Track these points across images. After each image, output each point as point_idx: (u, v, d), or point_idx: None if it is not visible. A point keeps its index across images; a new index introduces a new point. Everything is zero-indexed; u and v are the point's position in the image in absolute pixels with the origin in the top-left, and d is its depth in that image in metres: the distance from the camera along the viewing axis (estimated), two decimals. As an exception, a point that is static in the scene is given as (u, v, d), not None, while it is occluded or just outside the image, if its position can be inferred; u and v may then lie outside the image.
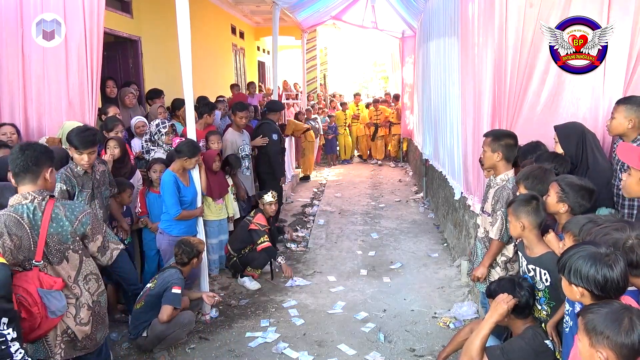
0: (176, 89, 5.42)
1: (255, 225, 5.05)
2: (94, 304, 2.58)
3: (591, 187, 2.59)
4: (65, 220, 2.41)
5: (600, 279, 1.74)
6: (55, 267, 2.42)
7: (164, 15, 7.35)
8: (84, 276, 2.53)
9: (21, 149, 2.44)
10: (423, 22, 8.23)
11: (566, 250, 1.91)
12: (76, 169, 3.48)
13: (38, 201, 2.39)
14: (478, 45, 3.97)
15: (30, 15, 4.03)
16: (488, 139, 3.19)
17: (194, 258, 3.92)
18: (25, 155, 2.40)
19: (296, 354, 3.72)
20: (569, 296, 1.92)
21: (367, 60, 30.61)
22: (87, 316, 2.54)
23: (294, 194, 9.35)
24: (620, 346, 1.53)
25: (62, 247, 2.41)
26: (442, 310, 4.34)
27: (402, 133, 11.95)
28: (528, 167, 2.96)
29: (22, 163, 2.39)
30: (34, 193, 2.39)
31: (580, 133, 3.14)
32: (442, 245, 6.10)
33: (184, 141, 4.23)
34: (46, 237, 2.37)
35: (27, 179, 2.41)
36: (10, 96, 4.13)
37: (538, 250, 2.65)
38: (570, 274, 1.82)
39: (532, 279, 2.67)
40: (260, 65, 15.79)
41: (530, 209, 2.61)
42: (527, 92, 3.66)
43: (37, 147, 2.48)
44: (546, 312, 2.62)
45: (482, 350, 2.46)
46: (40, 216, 2.36)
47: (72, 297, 2.49)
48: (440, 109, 6.15)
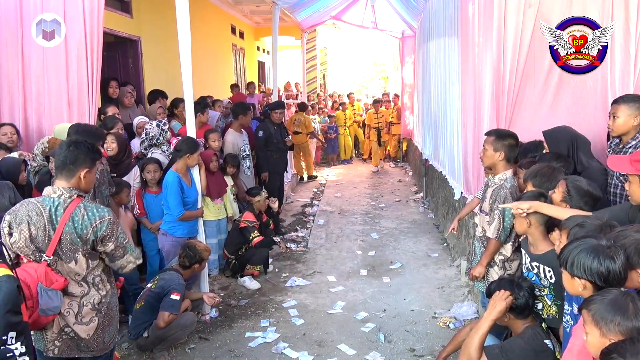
0: (176, 89, 5.43)
1: (244, 222, 5.09)
2: (100, 305, 2.54)
3: (597, 194, 2.59)
4: (81, 223, 2.40)
5: (604, 271, 1.77)
6: (65, 265, 2.43)
7: (164, 15, 7.34)
8: (93, 277, 2.52)
9: (68, 145, 2.47)
10: (423, 22, 8.23)
11: (567, 244, 1.93)
12: None
13: (64, 198, 2.41)
14: (478, 45, 3.97)
15: (30, 15, 4.03)
16: (491, 138, 3.18)
17: (196, 263, 3.92)
18: (66, 152, 2.43)
19: (296, 354, 3.72)
20: (570, 290, 1.93)
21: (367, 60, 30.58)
22: (89, 315, 2.51)
23: (294, 194, 9.35)
24: (631, 330, 1.57)
25: (73, 247, 2.42)
26: (442, 310, 4.34)
27: (402, 133, 11.95)
28: (537, 165, 2.96)
29: (61, 159, 2.44)
30: (63, 189, 2.42)
31: (569, 138, 3.14)
32: (442, 245, 6.10)
33: (181, 139, 4.24)
34: (61, 234, 2.38)
35: (62, 175, 2.45)
36: (10, 96, 4.14)
37: (543, 247, 2.64)
38: (572, 267, 1.84)
39: (537, 277, 2.67)
40: (260, 65, 15.79)
41: None
42: (527, 91, 3.67)
43: (82, 147, 2.48)
44: (555, 309, 2.62)
45: (480, 349, 2.46)
46: (61, 212, 2.38)
47: (77, 294, 2.48)
48: (440, 109, 6.15)
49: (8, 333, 1.88)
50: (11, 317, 1.90)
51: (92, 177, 2.56)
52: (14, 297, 1.92)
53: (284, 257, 5.85)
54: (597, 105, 3.61)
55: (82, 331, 2.50)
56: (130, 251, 2.61)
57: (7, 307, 1.88)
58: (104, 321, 2.58)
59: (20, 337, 1.91)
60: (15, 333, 1.90)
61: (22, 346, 1.92)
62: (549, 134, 3.25)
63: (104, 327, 2.58)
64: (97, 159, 2.59)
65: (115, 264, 2.58)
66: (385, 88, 21.24)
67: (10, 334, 1.89)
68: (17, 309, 1.95)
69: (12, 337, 1.89)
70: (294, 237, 6.56)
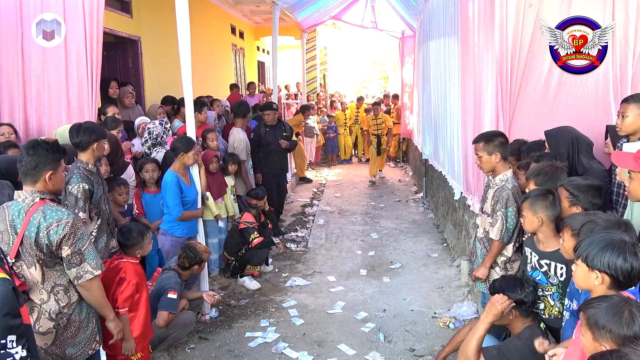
0: (176, 89, 5.42)
1: (244, 224, 5.08)
2: (59, 316, 2.44)
3: (597, 183, 2.61)
4: (37, 227, 2.34)
5: (628, 267, 1.78)
6: (27, 270, 2.39)
7: (164, 15, 7.34)
8: (52, 286, 2.43)
9: (26, 150, 2.42)
10: (423, 22, 8.23)
11: (587, 237, 1.93)
12: (88, 166, 3.29)
13: (27, 202, 2.39)
14: (478, 45, 3.97)
15: (30, 15, 4.03)
16: (480, 144, 3.16)
17: (195, 265, 3.91)
18: (27, 159, 2.40)
19: (296, 354, 3.72)
20: (582, 283, 1.93)
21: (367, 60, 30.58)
22: (46, 326, 2.42)
23: (293, 194, 9.35)
24: (623, 338, 1.58)
25: (33, 253, 2.37)
26: (442, 310, 4.34)
27: (402, 133, 11.94)
28: (539, 164, 2.95)
29: (23, 167, 2.41)
30: (26, 193, 2.41)
31: (570, 139, 3.13)
32: (442, 245, 6.10)
33: (176, 138, 4.25)
34: (22, 238, 2.35)
35: (27, 181, 2.44)
36: (10, 96, 4.13)
37: (554, 244, 2.62)
38: (594, 260, 1.84)
39: (544, 275, 2.65)
40: (260, 65, 15.80)
41: (548, 203, 2.60)
42: (527, 91, 3.66)
43: (40, 150, 2.41)
44: (559, 308, 2.61)
45: (478, 351, 2.46)
46: (23, 217, 2.36)
47: (37, 301, 2.42)
48: (440, 109, 6.15)
49: (7, 337, 1.84)
50: (9, 320, 1.85)
51: (58, 178, 2.49)
52: (10, 300, 1.87)
53: (284, 257, 5.86)
54: (597, 105, 3.61)
55: (38, 340, 2.39)
56: (88, 260, 2.44)
57: (5, 310, 1.84)
58: (64, 334, 2.48)
59: (20, 341, 1.87)
60: (15, 337, 1.86)
61: (23, 350, 1.87)
62: (550, 133, 3.24)
63: (63, 340, 2.47)
64: (61, 158, 2.50)
65: (70, 272, 2.42)
66: (385, 88, 21.22)
67: (9, 337, 1.84)
68: (16, 311, 1.90)
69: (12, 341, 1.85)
70: (294, 237, 6.56)
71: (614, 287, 1.82)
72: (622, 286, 1.82)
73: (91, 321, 2.61)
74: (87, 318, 2.59)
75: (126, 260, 3.11)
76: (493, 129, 3.55)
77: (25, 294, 2.42)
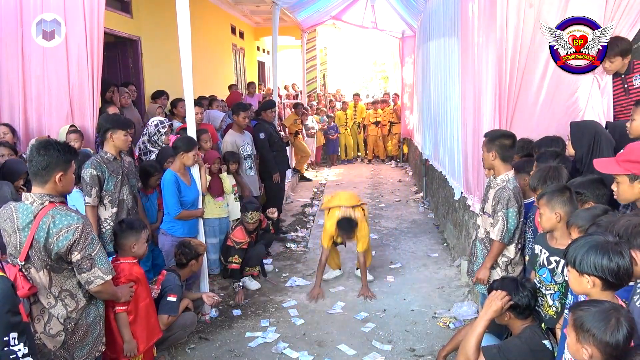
0: (176, 89, 5.42)
1: (231, 241, 4.85)
2: (67, 321, 2.45)
3: (597, 176, 2.63)
4: (47, 232, 2.32)
5: (614, 267, 1.79)
6: (36, 273, 2.38)
7: (164, 15, 7.35)
8: (59, 291, 2.43)
9: (37, 150, 2.38)
10: (423, 22, 8.23)
11: (572, 242, 1.94)
12: (106, 155, 3.52)
13: (36, 205, 2.36)
14: (478, 45, 3.97)
15: (30, 15, 4.03)
16: (485, 140, 3.20)
17: (192, 260, 3.90)
18: (37, 159, 2.36)
19: (296, 354, 3.72)
20: (577, 288, 1.94)
21: (367, 60, 30.57)
22: (57, 328, 2.43)
23: (293, 194, 9.34)
24: (605, 345, 1.61)
25: (41, 256, 2.36)
26: (442, 310, 4.34)
27: (402, 133, 11.94)
28: (539, 170, 2.94)
29: (33, 166, 2.38)
30: (35, 195, 2.38)
31: (593, 133, 3.07)
32: (442, 245, 6.10)
33: (179, 137, 4.25)
34: (32, 241, 2.33)
35: (36, 182, 2.40)
36: (10, 96, 4.13)
37: (567, 241, 2.59)
38: (581, 265, 1.85)
39: (549, 273, 2.63)
40: (260, 65, 15.79)
41: (566, 199, 2.56)
42: (527, 91, 3.67)
43: (52, 150, 2.38)
44: (556, 309, 2.60)
45: (477, 349, 2.45)
46: (32, 220, 2.33)
47: (45, 305, 2.42)
48: (440, 109, 6.15)
49: (9, 334, 1.86)
50: (11, 317, 1.88)
51: (68, 179, 2.46)
52: (10, 297, 1.90)
53: (284, 257, 5.86)
54: (597, 106, 3.61)
55: (48, 342, 2.42)
56: (99, 265, 2.44)
57: (7, 307, 1.86)
58: (72, 338, 2.48)
59: (22, 338, 1.89)
60: (17, 334, 1.88)
61: (25, 347, 1.89)
62: (576, 125, 3.20)
63: (72, 344, 2.48)
64: (72, 159, 2.48)
65: (81, 277, 2.42)
66: (385, 88, 21.21)
67: (12, 334, 1.86)
68: (16, 309, 1.92)
69: (14, 338, 1.87)
70: (294, 237, 6.56)
71: (607, 288, 1.83)
72: (614, 286, 1.83)
73: (98, 324, 2.63)
74: (94, 321, 2.60)
75: (122, 261, 3.13)
76: (493, 128, 3.55)
77: (35, 297, 2.43)
